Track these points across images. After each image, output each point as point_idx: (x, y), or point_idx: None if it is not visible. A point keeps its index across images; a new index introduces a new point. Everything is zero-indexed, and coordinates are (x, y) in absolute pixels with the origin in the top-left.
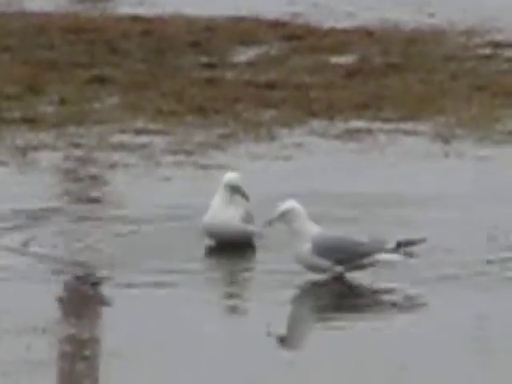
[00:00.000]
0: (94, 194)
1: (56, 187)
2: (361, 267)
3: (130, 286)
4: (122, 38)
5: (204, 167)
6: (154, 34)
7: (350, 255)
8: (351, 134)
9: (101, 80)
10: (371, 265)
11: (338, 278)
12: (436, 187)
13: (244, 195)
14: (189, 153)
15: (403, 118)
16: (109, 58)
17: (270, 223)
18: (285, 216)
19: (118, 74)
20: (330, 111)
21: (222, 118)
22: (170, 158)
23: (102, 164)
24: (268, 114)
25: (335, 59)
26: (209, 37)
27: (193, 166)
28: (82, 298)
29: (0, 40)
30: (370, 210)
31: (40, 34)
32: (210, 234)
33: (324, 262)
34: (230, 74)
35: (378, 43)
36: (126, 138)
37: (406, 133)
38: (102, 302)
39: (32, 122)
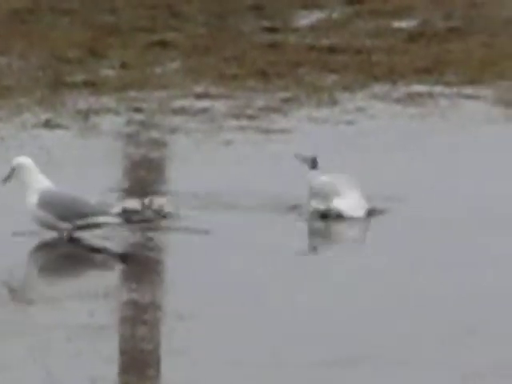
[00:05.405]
0: (156, 158)
1: (117, 151)
2: (86, 227)
3: None
4: (184, 2)
5: (266, 131)
6: None
7: (71, 212)
8: (413, 98)
9: (162, 44)
10: (95, 226)
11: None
12: (497, 152)
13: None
14: (251, 117)
15: (465, 82)
16: (170, 22)
17: (5, 180)
18: (15, 171)
19: (179, 39)
20: (392, 75)
21: (283, 82)
22: (231, 123)
23: (164, 128)
24: (330, 78)
25: (397, 23)
26: (271, 0)
27: (255, 130)
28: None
29: (61, 3)
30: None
31: None
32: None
33: (48, 217)
34: (291, 38)
35: (439, 7)
36: (187, 103)
37: (468, 97)
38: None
39: (93, 85)
